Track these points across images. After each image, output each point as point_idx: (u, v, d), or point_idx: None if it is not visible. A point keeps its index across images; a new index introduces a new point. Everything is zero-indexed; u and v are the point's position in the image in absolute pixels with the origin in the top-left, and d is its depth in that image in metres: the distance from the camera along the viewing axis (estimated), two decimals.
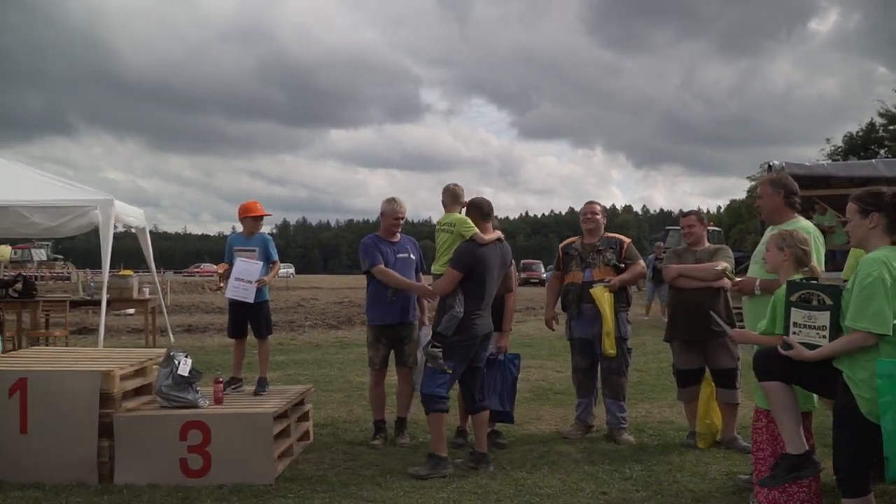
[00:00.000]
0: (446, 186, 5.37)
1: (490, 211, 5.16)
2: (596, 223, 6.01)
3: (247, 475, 4.69)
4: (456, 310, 4.84)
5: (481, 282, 4.92)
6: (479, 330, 4.96)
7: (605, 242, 5.98)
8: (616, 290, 5.78)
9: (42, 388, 4.75)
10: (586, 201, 6.23)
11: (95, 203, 8.56)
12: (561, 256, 6.15)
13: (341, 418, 6.59)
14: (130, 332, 14.48)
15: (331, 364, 9.98)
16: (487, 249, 4.98)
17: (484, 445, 5.07)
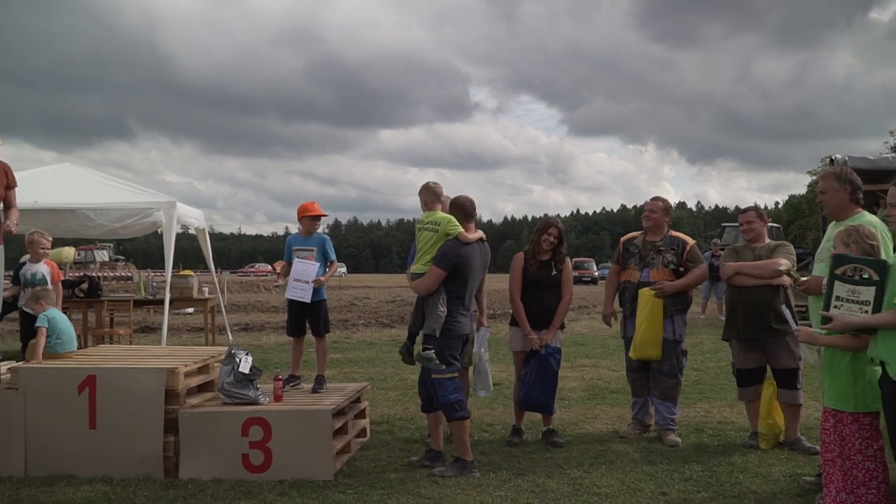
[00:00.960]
0: (426, 185, 5.14)
1: (473, 211, 5.13)
2: (653, 221, 5.89)
3: (306, 471, 4.77)
4: (440, 309, 4.81)
5: (463, 281, 4.88)
6: (460, 329, 4.93)
7: (668, 242, 5.83)
8: (666, 296, 5.65)
9: (110, 384, 4.91)
10: (651, 197, 6.09)
11: (158, 205, 8.81)
12: (621, 251, 6.06)
13: (397, 416, 6.65)
14: (190, 330, 14.85)
15: (385, 362, 10.06)
16: (471, 248, 4.94)
17: (440, 444, 5.10)
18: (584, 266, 44.93)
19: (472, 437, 5.79)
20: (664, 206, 5.95)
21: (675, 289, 5.68)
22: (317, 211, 5.89)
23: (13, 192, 5.86)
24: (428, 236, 4.95)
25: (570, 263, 5.96)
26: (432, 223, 4.96)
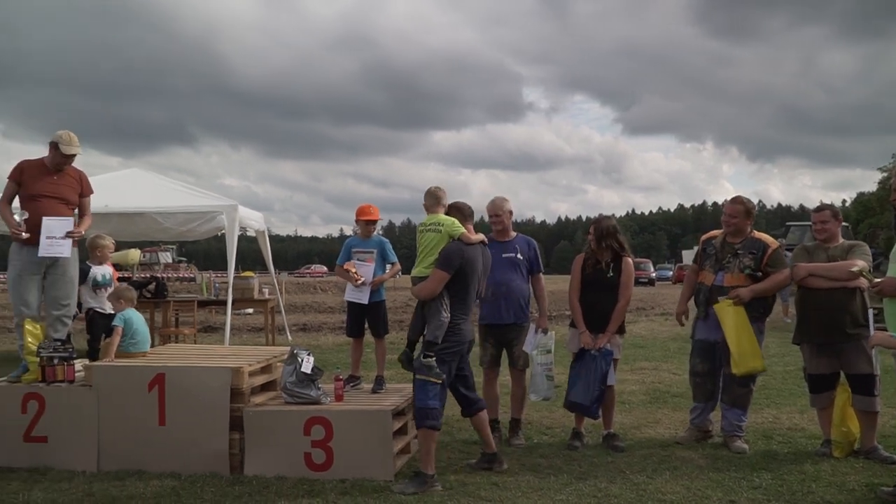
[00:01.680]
0: (428, 189, 5.13)
1: (471, 214, 5.04)
2: (733, 226, 5.62)
3: (367, 470, 4.81)
4: (443, 315, 4.66)
5: (466, 285, 4.73)
6: (465, 336, 4.79)
7: (747, 245, 5.59)
8: (745, 302, 5.43)
9: (178, 382, 5.04)
10: (731, 198, 5.84)
11: (221, 208, 9.03)
12: (700, 251, 5.91)
13: (455, 417, 6.59)
14: (250, 330, 15.17)
15: None
16: (474, 250, 4.84)
17: (492, 446, 4.98)
18: (641, 267, 44.23)
19: (531, 440, 5.80)
20: (745, 209, 5.62)
21: (753, 294, 5.44)
22: (372, 215, 5.93)
23: (88, 199, 6.06)
24: (431, 238, 4.85)
25: (632, 265, 5.81)
26: (435, 224, 4.88)
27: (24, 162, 5.85)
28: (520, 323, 5.77)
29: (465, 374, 4.98)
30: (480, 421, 4.98)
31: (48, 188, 5.75)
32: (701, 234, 6.20)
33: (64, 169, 5.85)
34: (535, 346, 5.68)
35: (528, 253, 5.85)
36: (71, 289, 5.96)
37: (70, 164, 5.87)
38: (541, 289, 5.91)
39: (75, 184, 5.95)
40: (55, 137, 5.76)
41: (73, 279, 6.00)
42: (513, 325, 5.75)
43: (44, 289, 5.80)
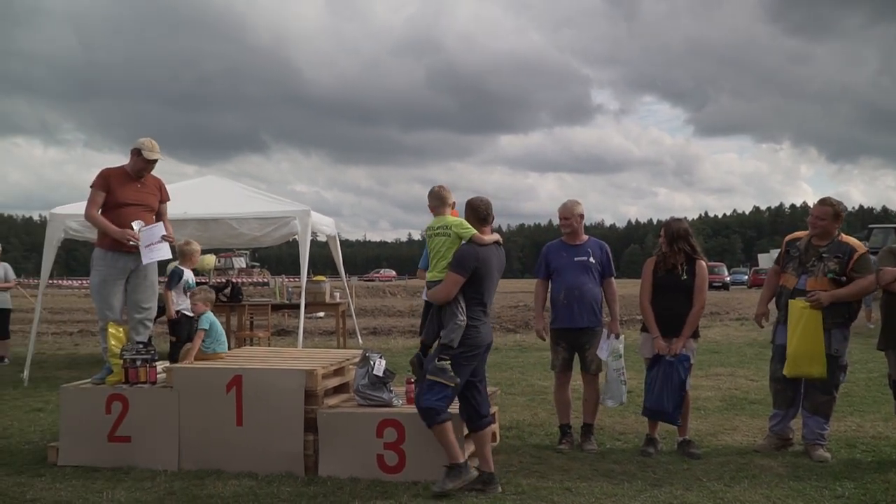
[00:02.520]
0: (431, 190, 4.99)
1: (487, 214, 4.83)
2: (821, 228, 5.41)
3: (439, 473, 4.81)
4: (459, 318, 4.54)
5: (481, 287, 4.61)
6: (482, 339, 4.64)
7: (833, 248, 5.37)
8: (823, 307, 5.22)
9: (254, 384, 5.16)
10: (819, 199, 5.66)
11: (294, 214, 9.22)
12: (783, 252, 5.72)
13: (526, 421, 6.61)
14: (322, 333, 15.43)
15: (511, 367, 10.05)
16: (488, 251, 4.68)
17: (490, 465, 4.69)
18: (715, 271, 43.05)
19: (603, 445, 5.72)
20: (834, 211, 5.39)
21: (833, 299, 5.22)
22: None
23: (166, 206, 6.29)
24: (441, 241, 4.76)
25: (705, 268, 5.66)
26: (443, 227, 4.79)
27: (108, 170, 6.06)
28: (593, 327, 5.69)
29: (480, 379, 4.80)
30: (483, 438, 4.74)
31: (132, 195, 5.97)
32: (778, 238, 6.01)
33: (144, 175, 6.07)
34: (608, 352, 5.59)
35: (600, 256, 5.78)
36: (152, 293, 6.18)
37: (151, 170, 6.09)
38: (613, 292, 5.83)
39: (156, 191, 6.17)
40: (138, 144, 5.98)
41: (154, 284, 6.22)
42: (586, 330, 5.68)
43: (126, 293, 6.02)
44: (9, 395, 8.06)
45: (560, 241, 5.88)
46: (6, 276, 11.07)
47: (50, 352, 12.15)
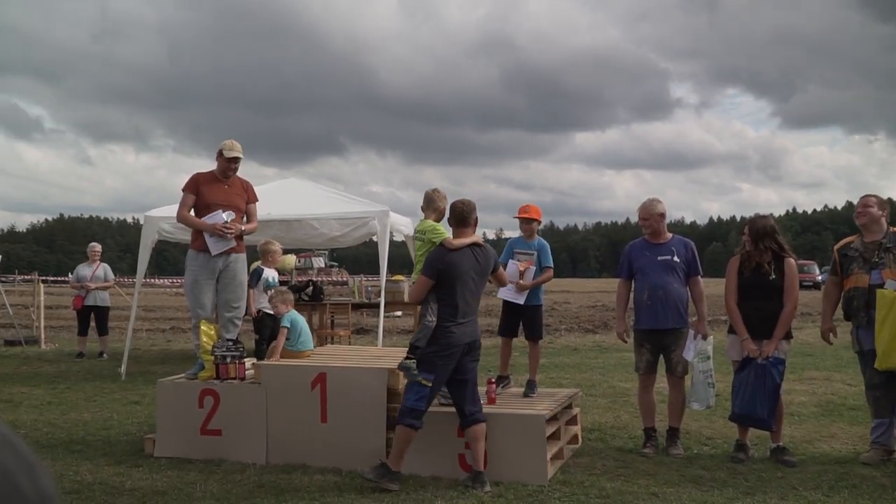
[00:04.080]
0: (426, 192, 5.18)
1: (466, 216, 4.83)
2: (869, 216, 5.30)
3: (520, 474, 4.79)
4: (427, 319, 4.62)
5: (452, 289, 4.65)
6: (456, 339, 4.64)
7: (892, 238, 5.25)
8: None
9: (338, 382, 5.26)
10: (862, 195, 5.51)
11: (373, 214, 9.34)
12: (837, 260, 5.50)
13: (608, 424, 6.49)
14: (400, 332, 15.58)
15: (591, 368, 9.90)
16: (458, 255, 4.69)
17: (480, 464, 4.67)
18: (806, 269, 41.26)
19: (690, 451, 5.56)
20: (878, 200, 5.39)
21: None
22: (527, 213, 5.94)
23: (254, 206, 6.47)
24: (418, 246, 4.96)
25: (795, 266, 5.44)
26: (420, 233, 4.99)
27: (198, 174, 6.32)
28: (679, 328, 5.54)
29: (465, 378, 4.80)
30: (474, 434, 4.73)
31: (220, 197, 6.18)
32: None
33: (230, 176, 6.27)
34: (695, 353, 5.44)
35: (685, 255, 5.62)
36: (241, 292, 6.37)
37: (235, 168, 6.28)
38: (699, 292, 5.66)
39: (243, 192, 6.36)
40: (220, 146, 6.23)
41: (243, 283, 6.41)
42: (672, 331, 5.53)
43: (217, 292, 6.23)
44: (108, 389, 8.47)
45: (643, 239, 5.76)
46: (105, 275, 11.64)
47: (144, 347, 12.69)
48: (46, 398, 8.02)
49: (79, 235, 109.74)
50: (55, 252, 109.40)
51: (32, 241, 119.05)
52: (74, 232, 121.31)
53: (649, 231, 5.67)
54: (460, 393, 4.81)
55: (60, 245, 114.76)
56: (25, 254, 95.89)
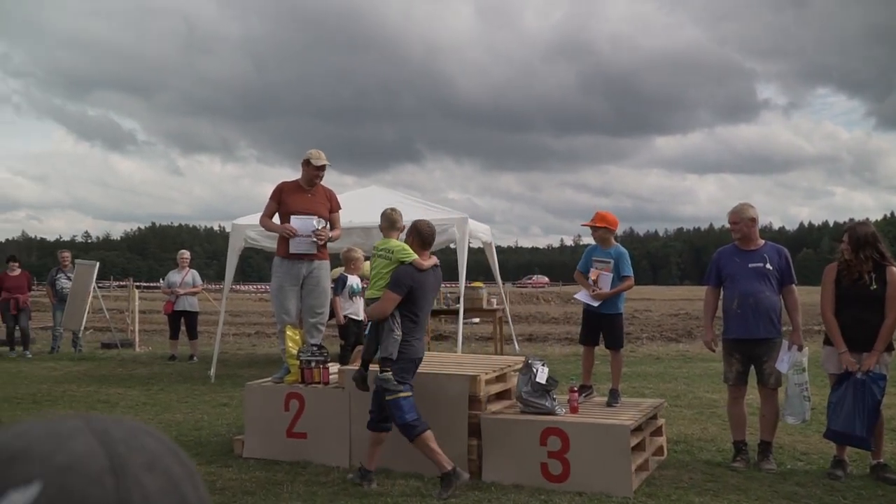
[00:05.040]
0: (384, 212, 5.34)
1: (430, 239, 5.11)
2: None
3: (605, 485, 4.71)
4: (395, 333, 4.84)
5: (418, 305, 4.91)
6: (414, 352, 4.90)
7: None
8: None
9: (420, 388, 5.26)
10: None
11: (453, 221, 9.38)
12: None
13: (695, 436, 6.30)
14: (478, 339, 15.61)
15: (675, 378, 9.64)
16: (425, 274, 4.96)
17: (373, 464, 4.95)
18: None
19: (783, 466, 5.35)
20: None
21: None
22: (596, 221, 5.84)
23: (337, 214, 6.61)
24: (382, 263, 5.07)
25: None
26: (386, 251, 5.08)
27: (283, 183, 6.50)
28: (771, 338, 5.33)
29: None
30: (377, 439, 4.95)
31: (302, 205, 6.33)
32: None
33: (315, 184, 6.42)
34: (790, 365, 5.22)
35: (778, 262, 5.41)
36: (325, 298, 6.51)
37: (320, 177, 6.43)
38: (794, 301, 5.43)
39: (326, 200, 6.50)
40: (306, 155, 6.39)
41: (327, 290, 6.55)
42: (763, 340, 5.33)
43: (301, 298, 6.38)
44: (199, 391, 8.79)
45: (733, 245, 5.58)
46: (194, 281, 12.11)
47: (231, 351, 13.12)
48: (141, 399, 8.39)
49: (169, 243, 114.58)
50: (147, 259, 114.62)
51: (126, 249, 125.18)
52: (165, 239, 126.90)
53: (739, 236, 5.49)
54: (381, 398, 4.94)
55: (152, 252, 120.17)
56: (119, 261, 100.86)
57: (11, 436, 0.52)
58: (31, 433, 0.52)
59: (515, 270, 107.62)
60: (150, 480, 0.52)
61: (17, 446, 0.51)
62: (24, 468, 0.50)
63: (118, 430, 0.54)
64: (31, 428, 0.53)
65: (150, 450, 0.54)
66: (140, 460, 0.52)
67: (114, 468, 0.51)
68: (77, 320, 12.15)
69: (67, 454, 0.51)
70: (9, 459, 0.50)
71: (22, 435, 0.52)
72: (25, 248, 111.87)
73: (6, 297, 12.22)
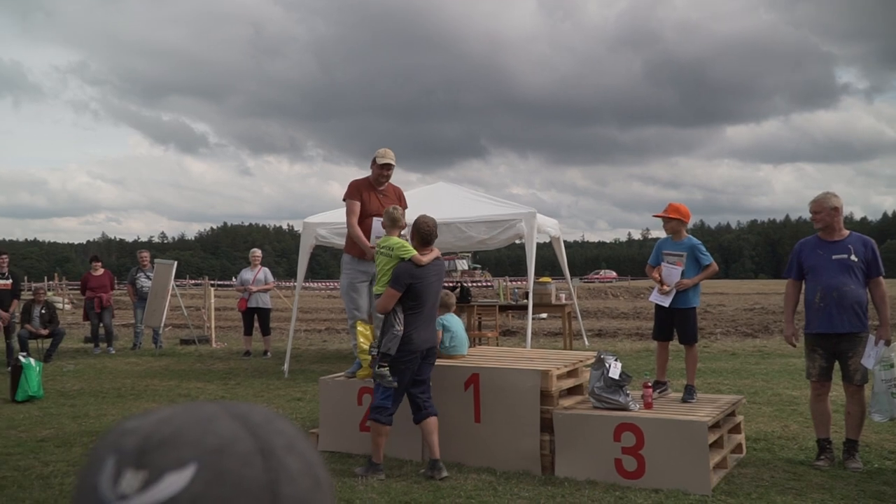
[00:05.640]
0: (386, 210, 5.52)
1: (430, 237, 5.25)
2: None
3: (681, 482, 4.62)
4: (396, 328, 5.01)
5: (420, 299, 5.07)
6: (417, 345, 5.03)
7: None
8: None
9: (491, 383, 5.30)
10: None
11: (521, 216, 9.33)
12: None
13: (775, 433, 6.11)
14: (546, 334, 15.50)
15: (753, 374, 9.36)
16: (425, 269, 5.11)
17: (436, 452, 5.04)
18: None
19: (870, 465, 5.15)
20: None
21: None
22: (667, 212, 5.71)
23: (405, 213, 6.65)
24: (384, 260, 5.23)
25: None
26: (387, 248, 5.24)
27: (356, 182, 6.54)
28: (857, 332, 5.12)
29: (422, 378, 5.15)
30: (427, 427, 5.09)
31: (376, 205, 6.39)
32: None
33: (383, 183, 6.48)
34: (876, 360, 5.01)
35: (864, 254, 5.18)
36: None
37: (388, 175, 6.48)
38: (881, 294, 5.20)
39: (396, 200, 6.55)
40: (374, 154, 6.45)
41: None
42: (848, 335, 5.12)
43: (370, 294, 6.45)
44: (273, 386, 9.01)
45: (815, 237, 5.38)
46: (266, 279, 12.41)
47: (303, 347, 13.40)
48: (219, 393, 8.66)
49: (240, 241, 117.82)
50: (220, 258, 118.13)
51: (199, 248, 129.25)
52: (236, 238, 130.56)
53: (821, 226, 5.29)
54: (416, 390, 5.15)
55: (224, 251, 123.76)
56: (194, 259, 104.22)
57: (157, 422, 0.54)
58: (177, 419, 0.54)
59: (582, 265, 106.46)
60: (292, 461, 0.54)
61: (166, 432, 0.53)
62: (177, 452, 0.51)
63: (256, 414, 0.56)
64: (175, 414, 0.55)
65: (287, 433, 0.56)
66: (281, 442, 0.54)
67: (261, 449, 0.53)
68: (157, 318, 12.60)
69: (217, 437, 0.52)
70: (160, 444, 0.52)
71: (168, 421, 0.54)
72: (105, 248, 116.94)
73: (90, 295, 12.76)
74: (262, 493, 0.51)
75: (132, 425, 0.54)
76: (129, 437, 0.53)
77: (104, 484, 0.51)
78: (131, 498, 0.50)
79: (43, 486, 4.98)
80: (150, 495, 0.50)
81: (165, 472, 0.50)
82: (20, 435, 6.50)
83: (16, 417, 7.23)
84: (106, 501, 0.51)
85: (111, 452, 0.53)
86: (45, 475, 5.24)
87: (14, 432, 6.60)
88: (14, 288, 10.91)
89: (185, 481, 0.50)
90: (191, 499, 0.50)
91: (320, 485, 0.55)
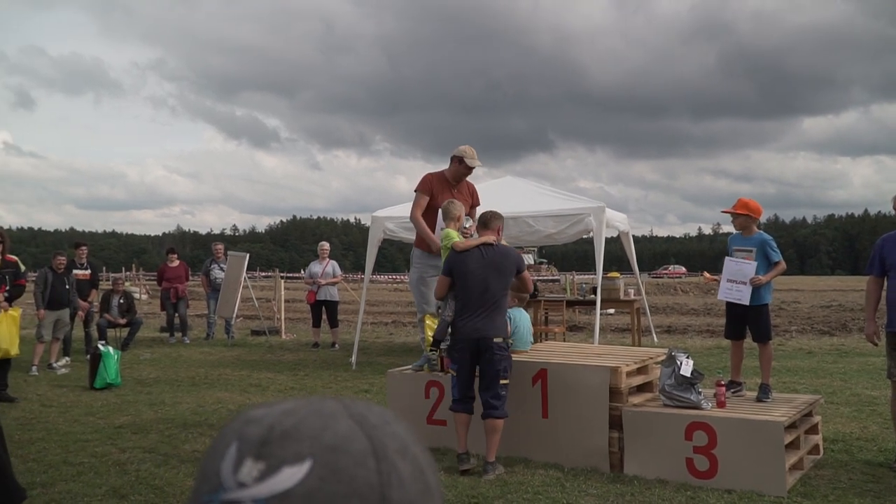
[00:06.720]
0: (443, 205, 5.72)
1: (487, 221, 5.29)
2: None
3: (755, 483, 4.51)
4: (446, 314, 5.15)
5: (460, 286, 5.08)
6: (462, 334, 5.02)
7: None
8: None
9: (559, 378, 5.27)
10: None
11: (589, 210, 9.21)
12: None
13: (854, 435, 5.90)
14: (614, 330, 15.31)
15: (830, 374, 9.04)
16: (464, 255, 5.10)
17: (492, 454, 4.95)
18: None
19: None
20: None
21: None
22: (738, 209, 5.55)
23: (477, 209, 6.65)
24: (445, 253, 5.46)
25: None
26: (444, 240, 5.50)
27: (430, 175, 6.55)
28: None
29: (484, 373, 5.02)
30: (486, 427, 5.00)
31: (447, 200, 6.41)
32: None
33: (461, 181, 6.48)
34: None
35: None
36: None
37: (468, 175, 6.48)
38: None
39: (468, 196, 6.55)
40: (459, 152, 6.38)
41: None
42: None
43: None
44: (341, 377, 9.18)
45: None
46: (334, 272, 12.63)
47: (370, 339, 13.58)
48: (289, 384, 8.86)
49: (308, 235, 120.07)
50: (289, 250, 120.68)
51: (269, 241, 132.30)
52: (305, 231, 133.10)
53: None
54: (481, 385, 5.08)
55: (293, 244, 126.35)
56: (264, 252, 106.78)
57: (281, 413, 0.56)
58: (299, 412, 0.56)
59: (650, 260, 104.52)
60: (404, 466, 0.55)
61: (288, 424, 0.54)
62: (297, 446, 0.53)
63: (373, 415, 0.57)
64: (298, 406, 0.57)
65: (401, 436, 0.57)
66: (395, 445, 0.55)
67: (375, 451, 0.54)
68: (229, 308, 12.97)
69: (334, 434, 0.54)
70: (282, 436, 0.54)
71: (290, 413, 0.56)
72: (180, 240, 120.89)
73: (166, 286, 13.21)
74: (372, 495, 0.52)
75: (257, 414, 0.56)
76: (252, 427, 0.55)
77: (226, 470, 0.53)
78: (249, 487, 0.52)
79: (119, 473, 5.09)
80: (266, 486, 0.51)
81: (283, 465, 0.52)
82: (98, 422, 6.75)
83: (94, 404, 7.53)
84: (227, 487, 0.52)
85: (235, 440, 0.55)
86: (121, 461, 5.37)
87: (92, 419, 6.86)
88: (92, 278, 11.36)
89: (301, 476, 0.51)
90: (304, 493, 0.51)
91: (430, 491, 0.55)
